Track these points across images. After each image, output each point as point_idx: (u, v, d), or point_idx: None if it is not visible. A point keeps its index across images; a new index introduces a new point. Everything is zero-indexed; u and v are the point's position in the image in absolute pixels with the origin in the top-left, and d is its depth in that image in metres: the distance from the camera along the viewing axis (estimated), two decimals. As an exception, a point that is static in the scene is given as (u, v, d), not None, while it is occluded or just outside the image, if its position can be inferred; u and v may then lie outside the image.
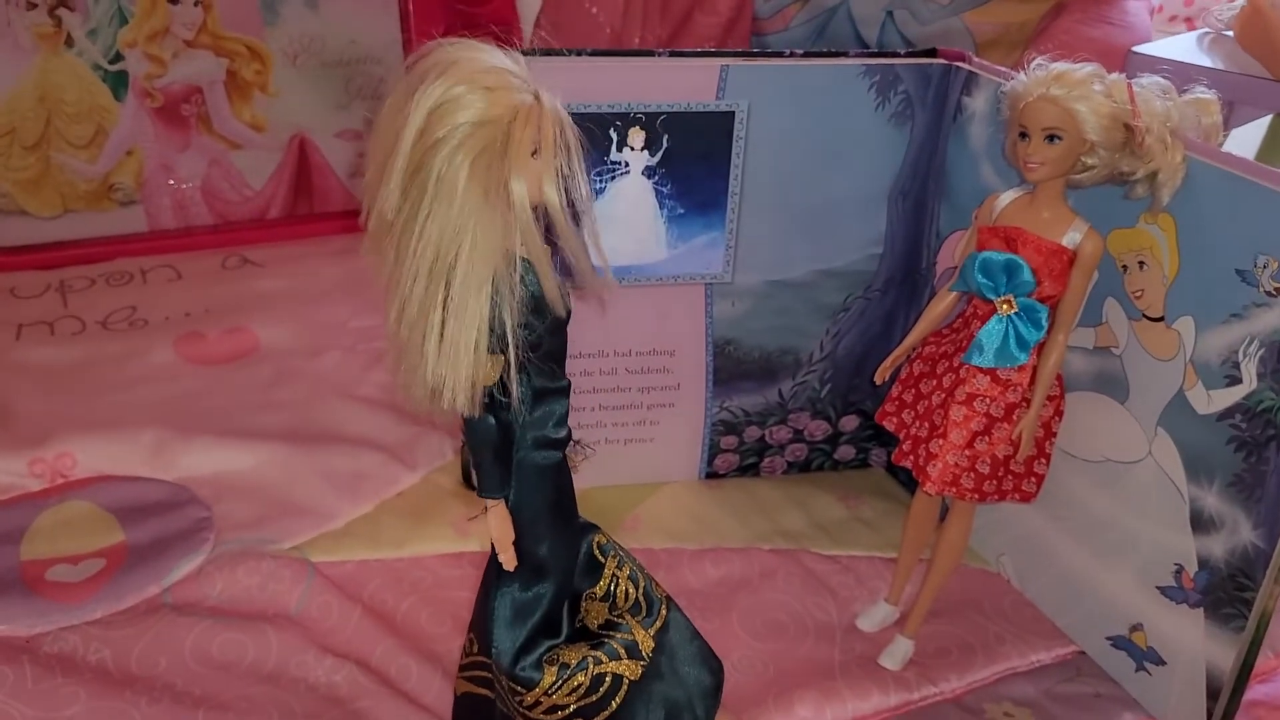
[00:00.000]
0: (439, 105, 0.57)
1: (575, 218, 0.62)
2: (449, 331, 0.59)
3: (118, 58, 1.41)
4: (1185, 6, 2.42)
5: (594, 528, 0.74)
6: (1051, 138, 0.72)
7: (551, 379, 0.65)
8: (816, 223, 0.97)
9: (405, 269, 0.59)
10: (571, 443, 0.71)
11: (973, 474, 0.78)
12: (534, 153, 0.59)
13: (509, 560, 0.67)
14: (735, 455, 1.07)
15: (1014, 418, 0.77)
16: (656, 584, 0.75)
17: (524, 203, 0.59)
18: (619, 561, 0.73)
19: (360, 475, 1.03)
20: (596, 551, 0.73)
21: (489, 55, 0.60)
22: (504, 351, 0.60)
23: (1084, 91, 0.71)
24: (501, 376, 0.62)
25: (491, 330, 0.60)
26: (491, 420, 0.63)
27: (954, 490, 0.79)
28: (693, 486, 1.06)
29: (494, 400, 0.63)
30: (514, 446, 0.65)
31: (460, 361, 0.59)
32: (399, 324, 0.60)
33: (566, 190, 0.60)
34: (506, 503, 0.66)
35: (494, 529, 0.67)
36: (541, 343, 0.63)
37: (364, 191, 0.61)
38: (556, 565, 0.69)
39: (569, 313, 0.64)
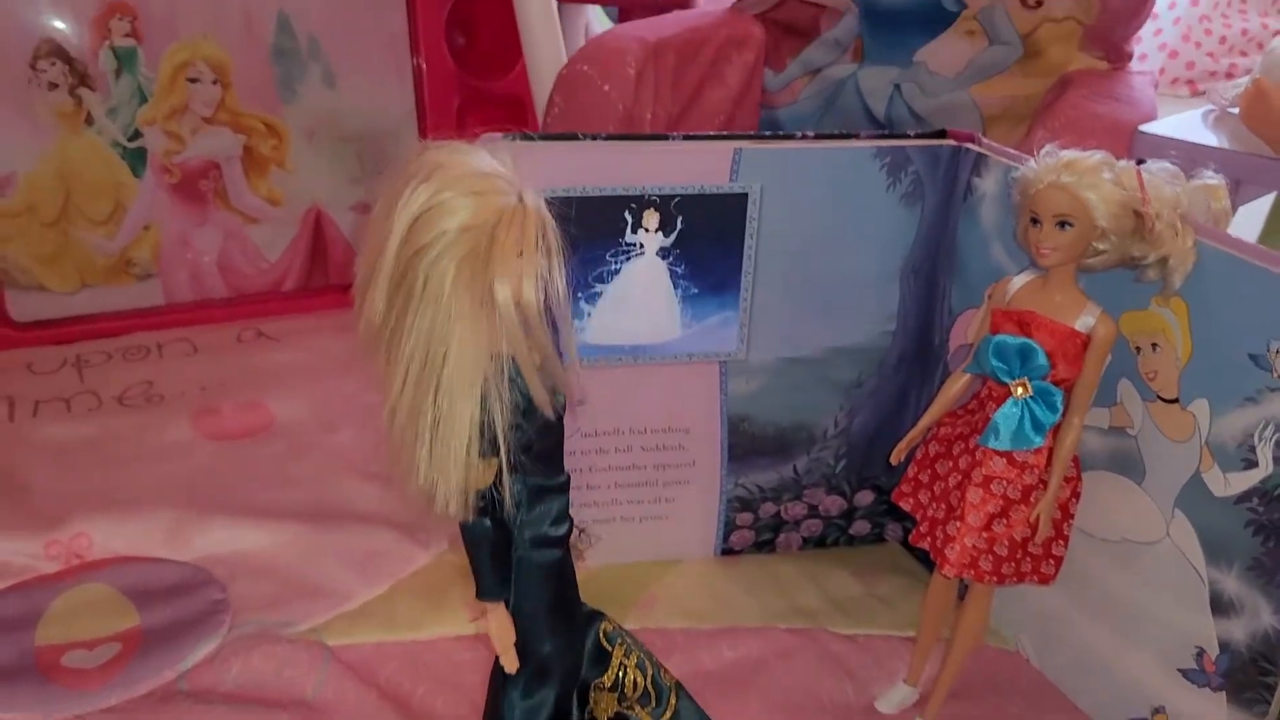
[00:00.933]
0: (423, 211, 0.57)
1: (553, 322, 0.62)
2: (439, 438, 0.59)
3: (137, 135, 1.43)
4: (1187, 70, 2.45)
5: (600, 615, 0.73)
6: (1063, 224, 0.72)
7: (547, 476, 0.65)
8: (829, 300, 0.97)
9: (395, 374, 0.59)
10: (575, 531, 0.71)
11: (991, 556, 0.78)
12: (519, 254, 0.59)
13: (509, 663, 0.67)
14: (751, 531, 1.07)
15: (1031, 500, 0.77)
16: (665, 670, 0.74)
17: (509, 305, 0.59)
18: (626, 650, 0.73)
19: (374, 554, 1.03)
20: (604, 640, 0.72)
21: (474, 158, 0.60)
22: (496, 455, 0.60)
23: (1094, 179, 0.71)
24: (496, 478, 0.62)
25: (482, 434, 0.60)
26: (486, 523, 0.63)
27: (972, 573, 0.79)
28: (708, 563, 1.06)
29: (490, 502, 0.63)
30: (512, 546, 0.65)
31: (451, 468, 0.59)
32: (391, 428, 0.61)
33: (545, 292, 0.60)
34: (506, 604, 0.66)
35: (493, 632, 0.67)
36: (533, 443, 0.62)
37: (355, 294, 0.61)
38: (560, 665, 0.69)
39: (564, 409, 0.64)
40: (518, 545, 0.66)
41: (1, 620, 0.93)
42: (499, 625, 0.66)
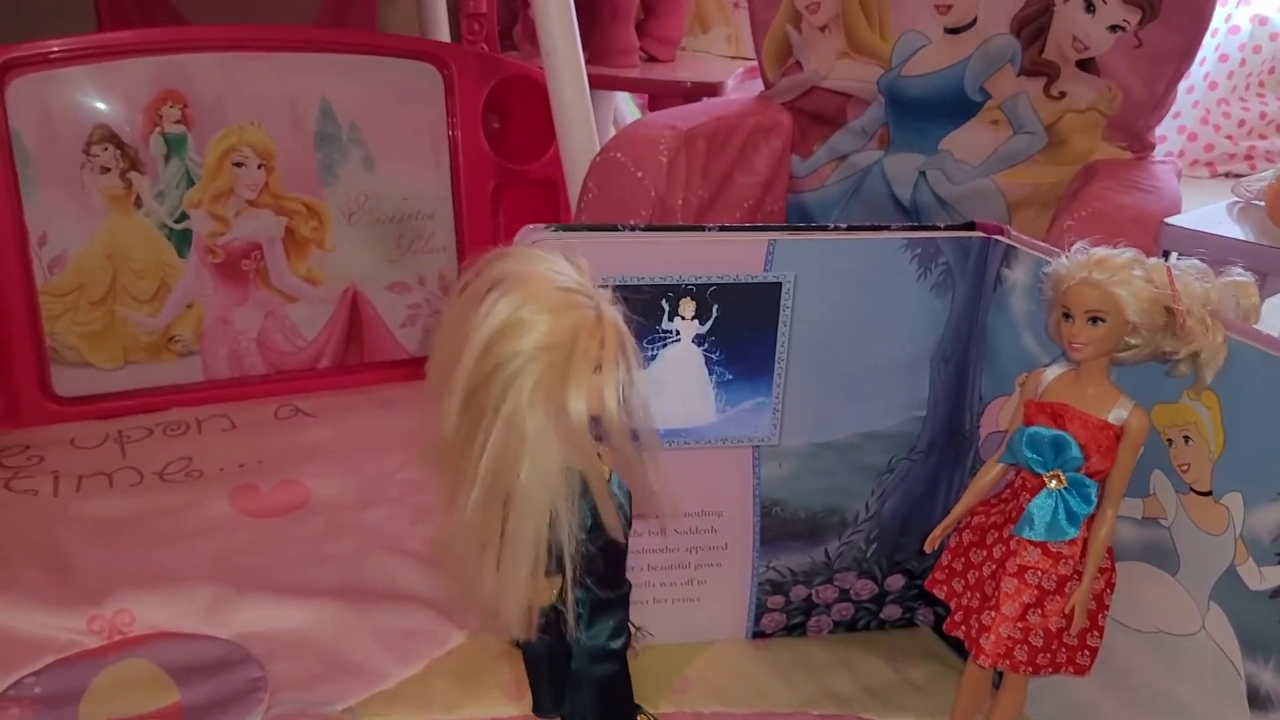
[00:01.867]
0: (503, 327, 0.57)
1: (635, 435, 0.62)
2: (506, 557, 0.59)
3: (183, 217, 1.47)
4: (1205, 152, 2.48)
5: (638, 709, 0.74)
6: (1095, 319, 0.74)
7: (611, 589, 0.65)
8: (861, 387, 0.99)
9: (462, 489, 0.59)
10: (635, 629, 0.72)
11: (1026, 646, 0.79)
12: (596, 368, 0.59)
13: None
14: (782, 615, 1.07)
15: (1066, 590, 0.78)
16: None
17: (582, 420, 0.58)
18: None
19: (410, 634, 1.04)
20: None
21: (553, 269, 0.60)
22: (560, 573, 0.60)
23: (1125, 276, 0.73)
24: (559, 594, 0.62)
25: (550, 553, 0.59)
26: (547, 639, 0.63)
27: (1008, 662, 0.79)
28: (740, 646, 1.06)
29: (550, 617, 0.63)
30: (571, 658, 0.65)
31: (517, 588, 0.59)
32: (456, 542, 0.60)
33: (626, 403, 0.60)
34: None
35: None
36: (598, 558, 0.62)
37: (427, 394, 0.61)
38: None
39: (629, 524, 0.64)
40: (577, 658, 0.65)
41: (47, 696, 0.95)
42: None
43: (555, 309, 0.58)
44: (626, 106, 2.28)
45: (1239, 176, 1.37)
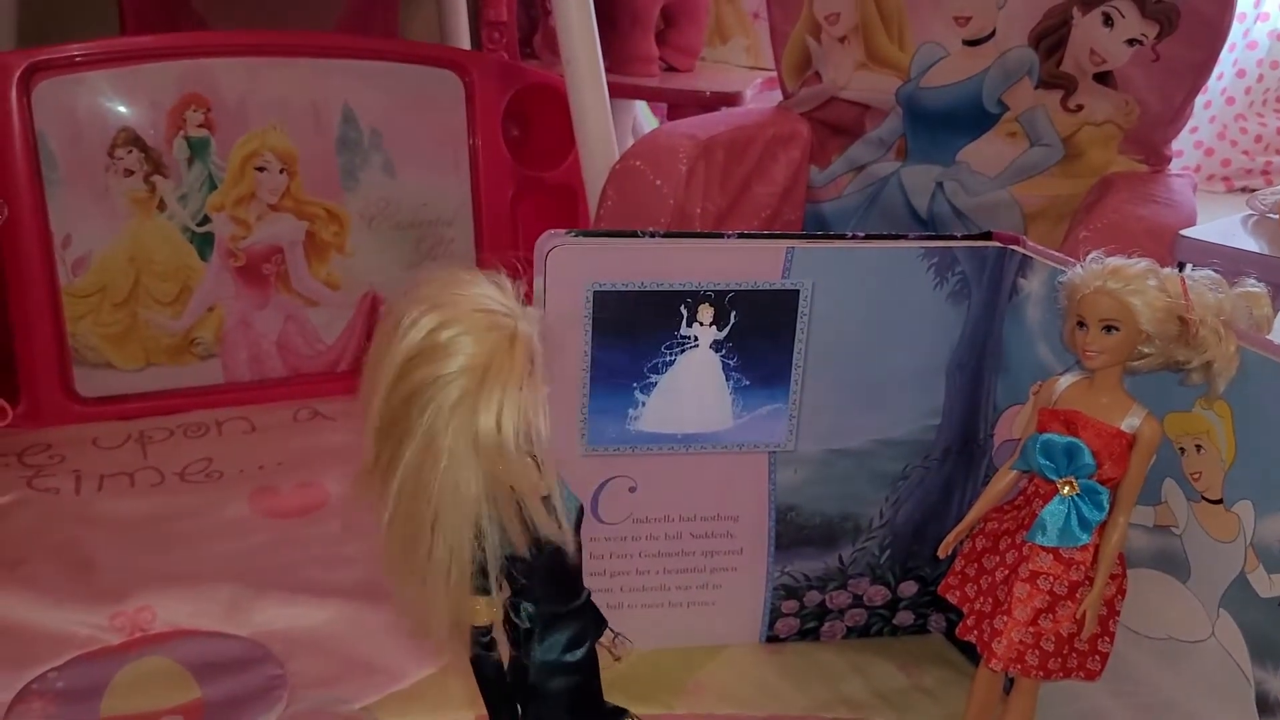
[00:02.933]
0: (419, 351, 0.57)
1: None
2: (432, 578, 0.58)
3: (205, 220, 1.49)
4: (1223, 167, 2.49)
5: (624, 713, 0.74)
6: (1109, 328, 0.75)
7: (561, 602, 0.65)
8: (876, 394, 1.00)
9: (389, 513, 0.59)
10: (613, 636, 0.71)
11: (1038, 651, 0.80)
12: (504, 387, 0.57)
13: None
14: (796, 619, 1.08)
15: (1077, 596, 0.79)
16: None
17: (506, 440, 0.57)
18: None
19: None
20: None
21: (475, 290, 0.59)
22: (489, 593, 0.60)
23: (1139, 286, 0.74)
24: (511, 609, 0.62)
25: (484, 573, 0.59)
26: (494, 658, 0.64)
27: (1019, 667, 0.80)
28: (754, 650, 1.07)
29: (512, 630, 0.63)
30: (525, 675, 0.65)
31: (438, 606, 0.59)
32: (388, 566, 0.60)
33: (525, 426, 0.58)
34: None
35: None
36: (541, 569, 0.62)
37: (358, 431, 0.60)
38: None
39: (576, 537, 0.63)
40: (532, 674, 0.65)
41: (70, 691, 0.96)
42: None
43: (472, 330, 0.57)
44: (645, 116, 2.30)
45: (1256, 192, 1.38)
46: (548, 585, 0.64)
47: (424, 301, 0.58)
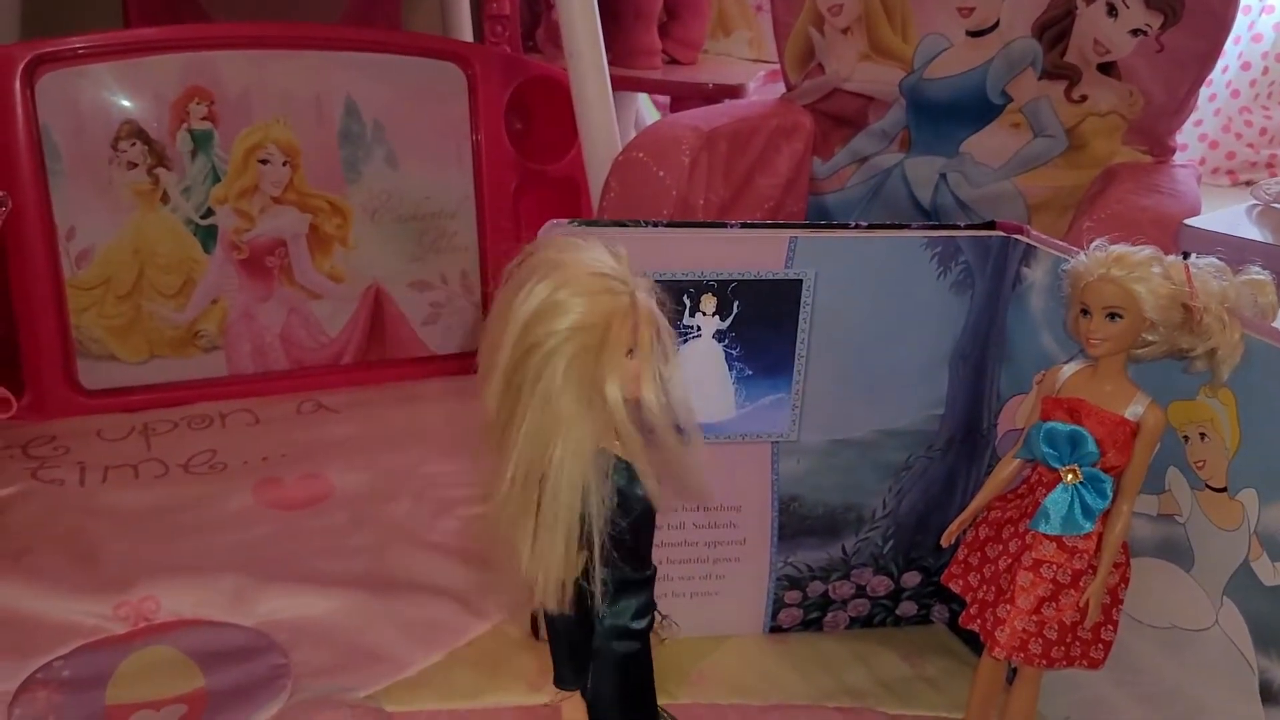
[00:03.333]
0: (538, 310, 0.59)
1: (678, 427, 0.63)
2: (541, 534, 0.61)
3: (209, 213, 1.49)
4: (1227, 160, 2.48)
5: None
6: (1113, 315, 0.75)
7: (635, 570, 0.67)
8: (879, 385, 1.00)
9: (504, 469, 0.61)
10: (661, 617, 0.74)
11: (1041, 640, 0.80)
12: (629, 352, 0.61)
13: None
14: (799, 610, 1.08)
15: (1081, 585, 0.79)
16: None
17: (618, 403, 0.60)
18: None
19: (432, 624, 1.05)
20: None
21: (590, 255, 0.62)
22: (587, 549, 0.62)
23: (1143, 273, 0.74)
24: (585, 571, 0.64)
25: (581, 529, 0.62)
26: (571, 615, 0.65)
27: (1022, 656, 0.80)
28: (757, 640, 1.07)
29: (577, 592, 0.65)
30: (593, 636, 0.67)
31: (552, 563, 0.61)
32: (498, 521, 0.62)
33: (666, 392, 0.62)
34: (582, 694, 0.67)
35: (565, 718, 0.68)
36: (626, 539, 0.64)
37: (476, 386, 0.63)
38: None
39: (652, 510, 0.65)
40: (599, 635, 0.67)
41: (74, 680, 0.96)
42: (571, 714, 0.68)
43: (590, 292, 0.60)
44: (647, 109, 2.30)
45: (1260, 181, 1.38)
46: (628, 551, 0.65)
47: (541, 266, 0.61)
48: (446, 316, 1.63)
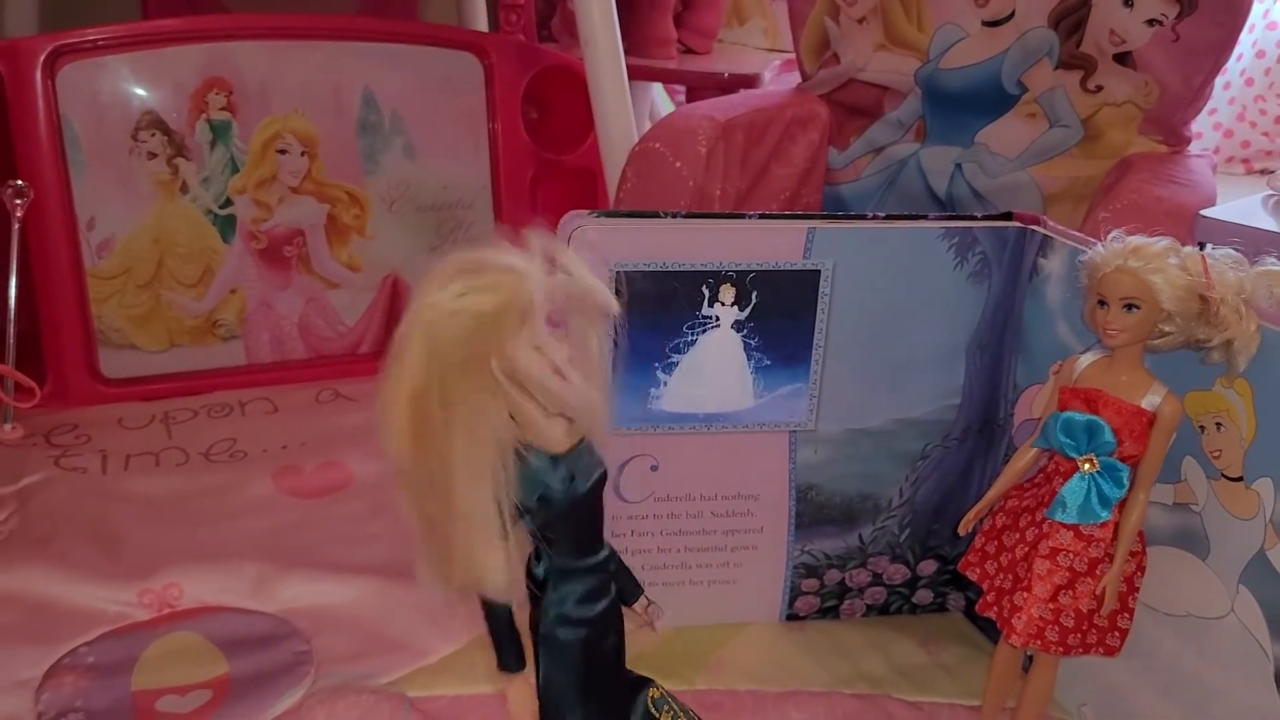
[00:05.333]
0: (439, 319, 0.59)
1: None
2: (468, 527, 0.61)
3: (228, 203, 1.50)
4: (1242, 149, 2.47)
5: (648, 682, 0.76)
6: (1130, 306, 0.75)
7: (574, 558, 0.67)
8: (897, 374, 1.00)
9: (415, 477, 0.62)
10: (647, 603, 0.75)
11: (1057, 627, 0.80)
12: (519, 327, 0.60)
13: None
14: (816, 598, 1.09)
15: (1097, 573, 0.79)
16: None
17: (498, 374, 0.60)
18: (673, 715, 0.76)
19: (452, 611, 1.06)
20: (651, 707, 0.75)
21: (488, 257, 0.61)
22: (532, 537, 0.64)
23: (1160, 264, 0.75)
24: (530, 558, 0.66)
25: (501, 516, 0.62)
26: (505, 601, 0.66)
27: (1039, 643, 0.81)
28: (774, 628, 1.08)
29: (528, 584, 0.67)
30: (538, 623, 0.68)
31: (487, 552, 0.62)
32: (421, 527, 0.63)
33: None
34: (535, 680, 0.69)
35: (510, 703, 0.70)
36: (553, 526, 0.65)
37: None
38: None
39: (591, 490, 0.66)
40: (542, 623, 0.68)
41: (101, 665, 0.98)
42: (515, 697, 0.69)
43: (484, 289, 0.59)
44: (661, 100, 2.30)
45: (1276, 172, 1.37)
46: (560, 539, 0.66)
47: (443, 272, 0.60)
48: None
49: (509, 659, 0.69)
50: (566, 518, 0.66)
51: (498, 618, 0.68)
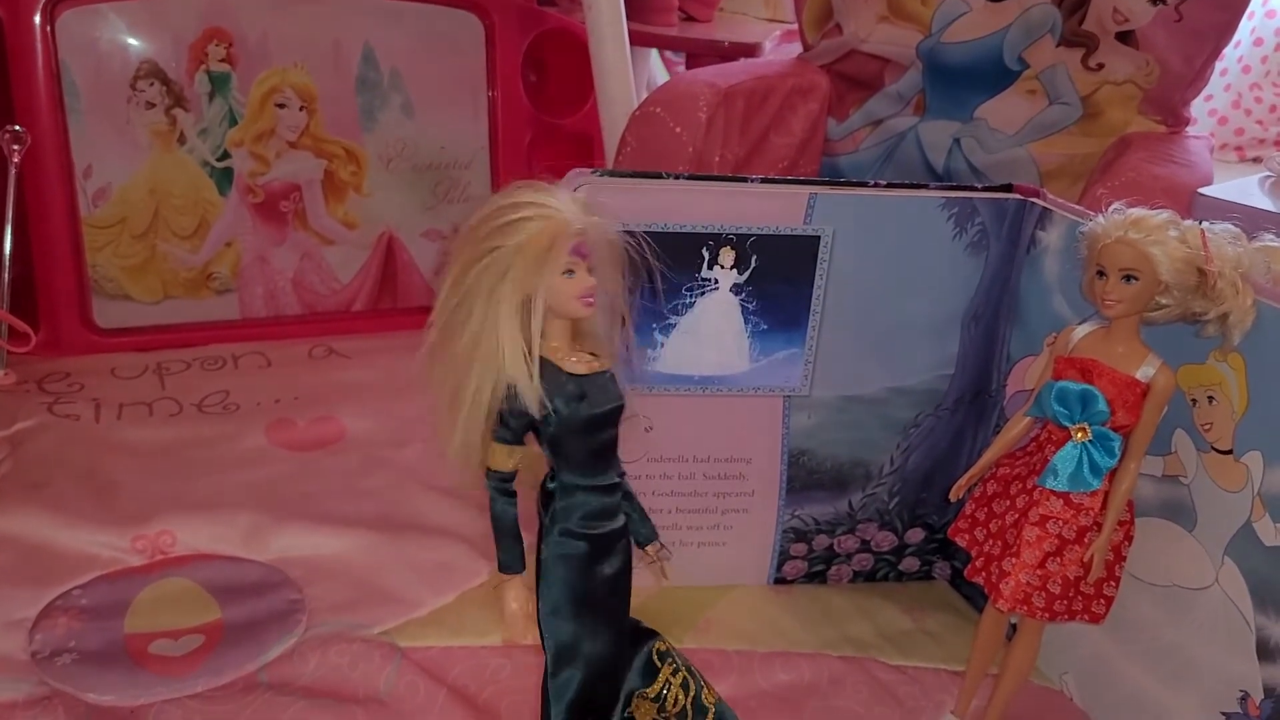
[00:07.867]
0: (490, 218, 0.68)
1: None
2: (464, 416, 0.69)
3: (225, 156, 1.50)
4: (1236, 136, 2.48)
5: (655, 635, 0.79)
6: (1128, 278, 0.76)
7: (583, 476, 0.72)
8: (892, 343, 1.01)
9: (443, 364, 0.70)
10: (659, 546, 0.79)
11: (1044, 593, 0.81)
12: (568, 273, 0.68)
13: (515, 634, 0.73)
14: (804, 562, 1.10)
15: (1085, 541, 0.81)
16: (709, 692, 0.80)
17: (537, 313, 0.68)
18: (675, 669, 0.78)
19: (443, 565, 1.07)
20: (655, 658, 0.78)
21: (551, 194, 0.69)
22: (509, 443, 0.70)
23: (1160, 236, 0.75)
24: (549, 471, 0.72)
25: (505, 424, 0.69)
26: (506, 506, 0.72)
27: (1025, 608, 0.82)
28: (762, 591, 1.09)
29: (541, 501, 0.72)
30: (543, 532, 0.72)
31: (469, 444, 0.69)
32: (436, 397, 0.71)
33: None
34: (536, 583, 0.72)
35: (506, 601, 0.73)
36: (559, 442, 0.70)
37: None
38: (583, 653, 0.74)
39: (601, 416, 0.71)
40: (547, 530, 0.72)
41: (94, 608, 0.98)
42: (509, 598, 0.73)
43: (540, 217, 0.67)
44: (657, 69, 2.29)
45: (1273, 154, 1.38)
46: (568, 456, 0.71)
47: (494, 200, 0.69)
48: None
49: (511, 559, 0.73)
50: (573, 435, 0.70)
51: (502, 520, 0.72)
